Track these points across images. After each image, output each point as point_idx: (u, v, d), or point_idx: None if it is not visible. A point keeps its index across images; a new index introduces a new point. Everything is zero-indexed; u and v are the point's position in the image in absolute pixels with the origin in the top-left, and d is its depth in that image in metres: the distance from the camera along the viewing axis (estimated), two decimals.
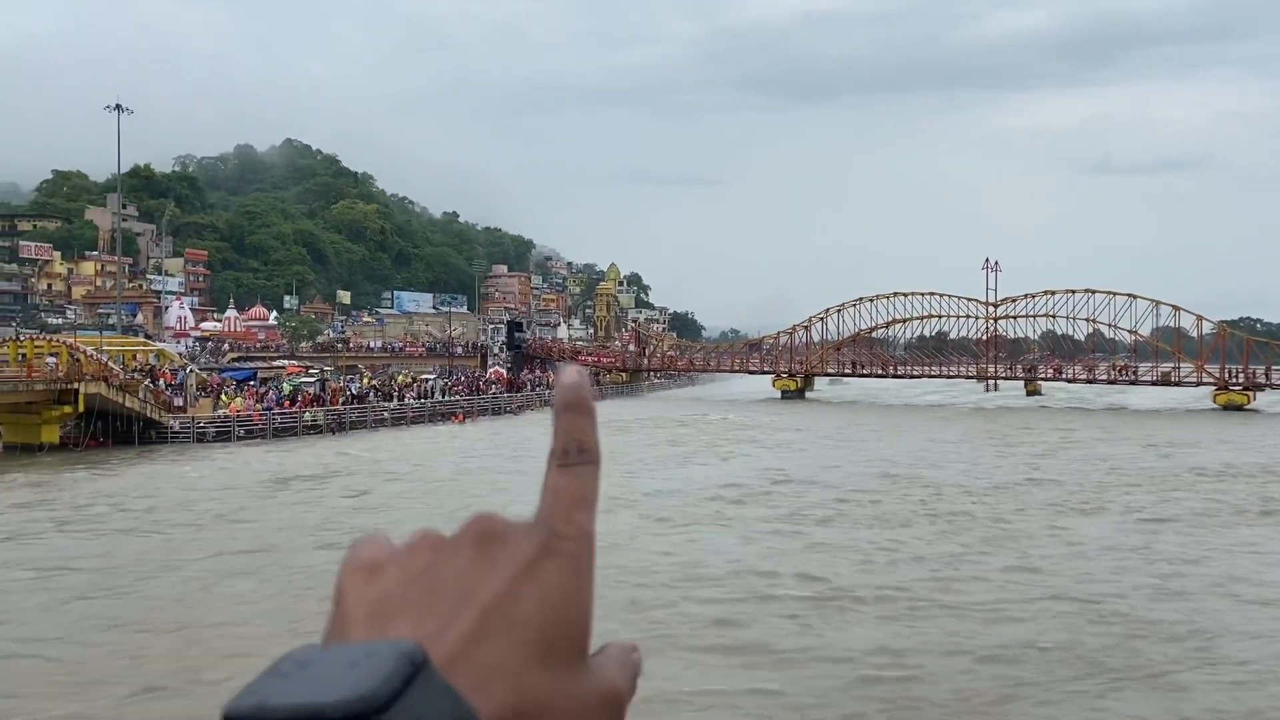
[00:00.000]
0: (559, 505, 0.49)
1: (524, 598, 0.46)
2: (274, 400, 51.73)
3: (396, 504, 27.86)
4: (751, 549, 21.25)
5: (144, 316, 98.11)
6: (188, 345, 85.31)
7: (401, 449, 42.44)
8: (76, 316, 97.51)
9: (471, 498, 29.14)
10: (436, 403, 60.14)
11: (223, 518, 25.62)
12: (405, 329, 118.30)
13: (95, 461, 37.84)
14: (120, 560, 20.61)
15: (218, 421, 46.99)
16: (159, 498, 28.96)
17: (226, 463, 37.60)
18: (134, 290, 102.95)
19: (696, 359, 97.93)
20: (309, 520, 25.21)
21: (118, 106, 70.50)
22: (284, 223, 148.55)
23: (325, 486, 31.27)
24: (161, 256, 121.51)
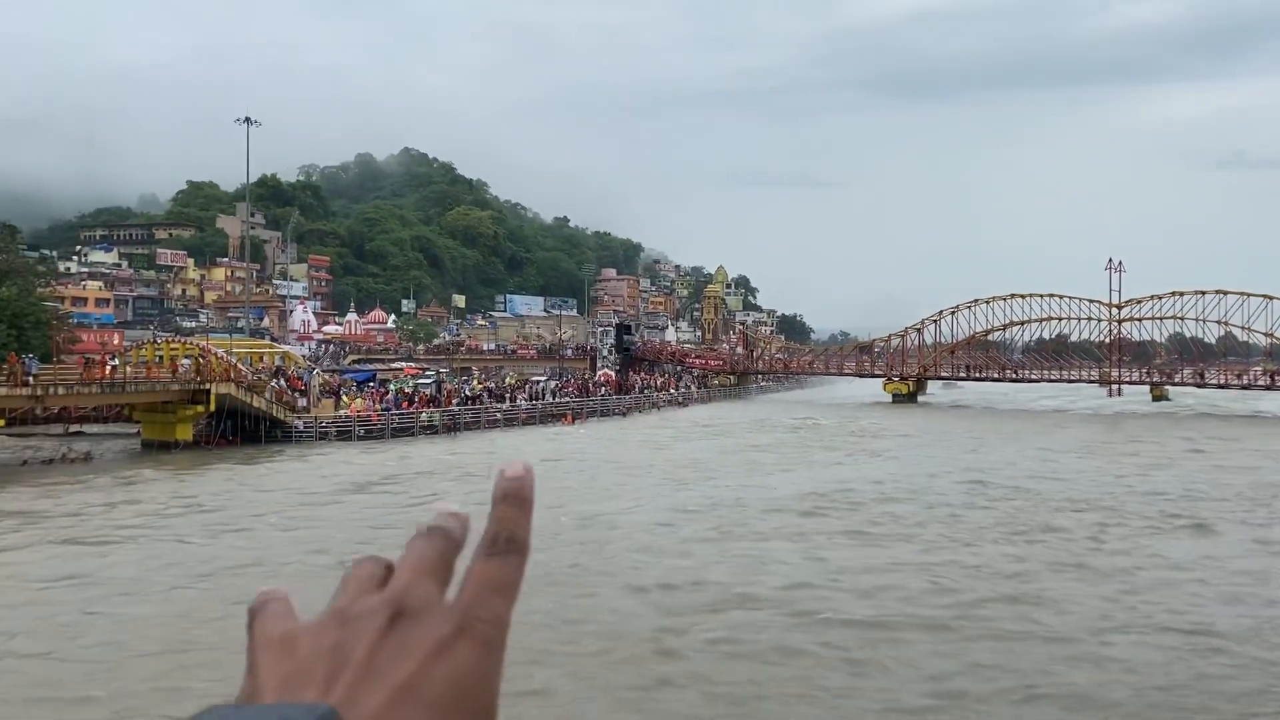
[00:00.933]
0: (479, 590, 0.50)
1: (435, 678, 0.47)
2: (392, 401, 53.40)
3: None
4: (815, 565, 19.99)
5: (270, 320, 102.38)
6: (311, 348, 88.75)
7: (510, 450, 43.31)
8: (208, 320, 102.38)
9: (570, 495, 29.61)
10: (547, 404, 61.12)
11: (338, 514, 26.66)
12: (517, 332, 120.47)
13: (223, 459, 39.75)
14: (214, 555, 21.65)
15: (339, 421, 48.74)
16: (278, 494, 30.26)
17: (345, 461, 39.02)
18: (261, 295, 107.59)
19: (805, 362, 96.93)
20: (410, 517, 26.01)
21: (247, 119, 73.77)
22: (402, 229, 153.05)
23: (426, 485, 32.23)
24: (287, 262, 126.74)
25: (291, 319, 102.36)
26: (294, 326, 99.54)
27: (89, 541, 23.00)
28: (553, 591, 17.65)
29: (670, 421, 60.33)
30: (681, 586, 18.15)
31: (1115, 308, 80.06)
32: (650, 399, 73.48)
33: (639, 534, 23.38)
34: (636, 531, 23.66)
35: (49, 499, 29.42)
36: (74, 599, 17.61)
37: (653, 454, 41.31)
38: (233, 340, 62.60)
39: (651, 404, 72.41)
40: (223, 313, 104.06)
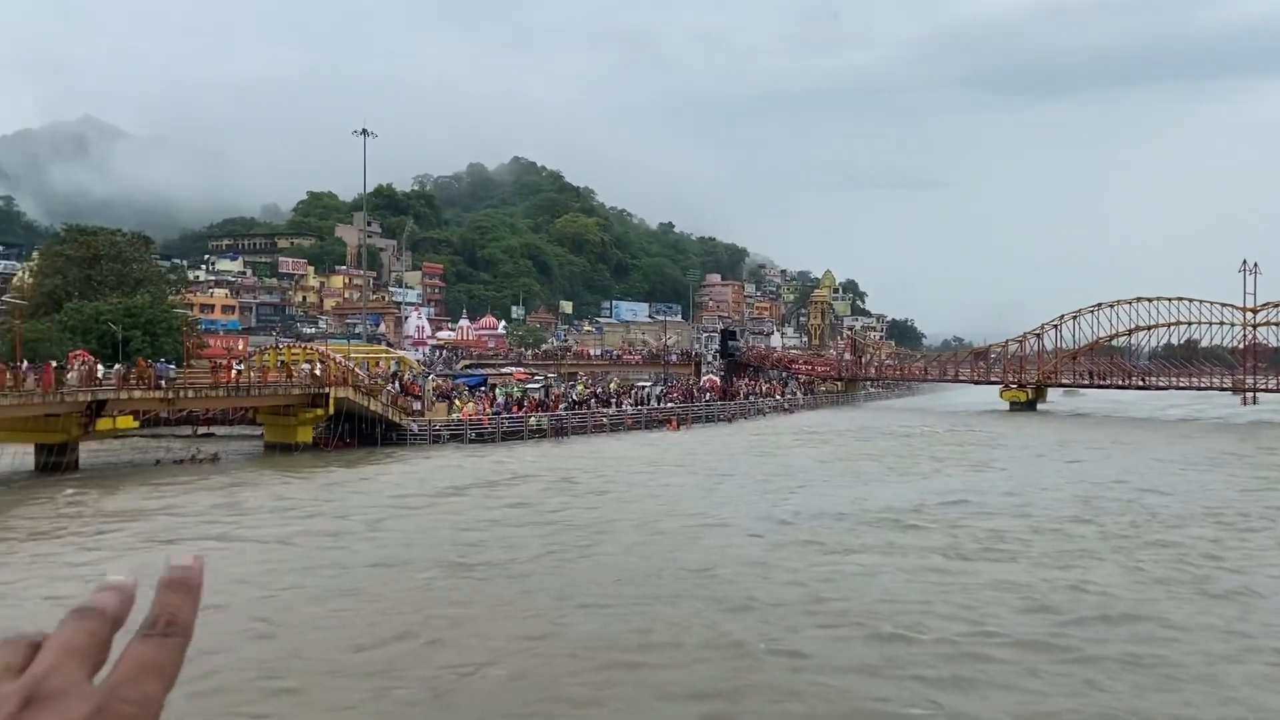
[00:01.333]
0: (130, 671, 0.49)
1: None
2: (502, 405, 54.26)
3: (605, 502, 28.57)
4: (904, 583, 19.00)
5: (386, 326, 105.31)
6: (425, 353, 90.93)
7: (614, 455, 43.46)
8: (327, 326, 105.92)
9: (664, 503, 29.45)
10: (652, 409, 61.19)
11: (424, 519, 27.11)
12: (623, 337, 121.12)
13: (339, 461, 40.95)
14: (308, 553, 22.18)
15: (451, 425, 49.73)
16: (378, 497, 30.97)
17: (450, 464, 39.74)
18: (377, 301, 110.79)
19: (916, 368, 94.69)
20: (517, 516, 26.28)
21: (364, 131, 76.05)
22: (512, 237, 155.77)
23: (529, 486, 32.53)
24: (402, 270, 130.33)
25: (406, 325, 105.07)
26: (409, 332, 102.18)
27: (176, 539, 23.89)
28: (629, 595, 17.58)
29: (775, 428, 59.69)
30: (759, 600, 17.49)
31: (1250, 311, 75.81)
32: (755, 405, 72.86)
33: (727, 543, 22.91)
34: (725, 541, 23.19)
35: (159, 498, 30.75)
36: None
37: (754, 461, 40.86)
38: (350, 345, 64.52)
39: (757, 410, 71.79)
40: (341, 319, 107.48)
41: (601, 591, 18.20)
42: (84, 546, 22.86)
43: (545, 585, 18.84)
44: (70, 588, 18.91)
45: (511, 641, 15.26)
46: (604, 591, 18.20)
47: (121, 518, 26.81)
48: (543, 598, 17.92)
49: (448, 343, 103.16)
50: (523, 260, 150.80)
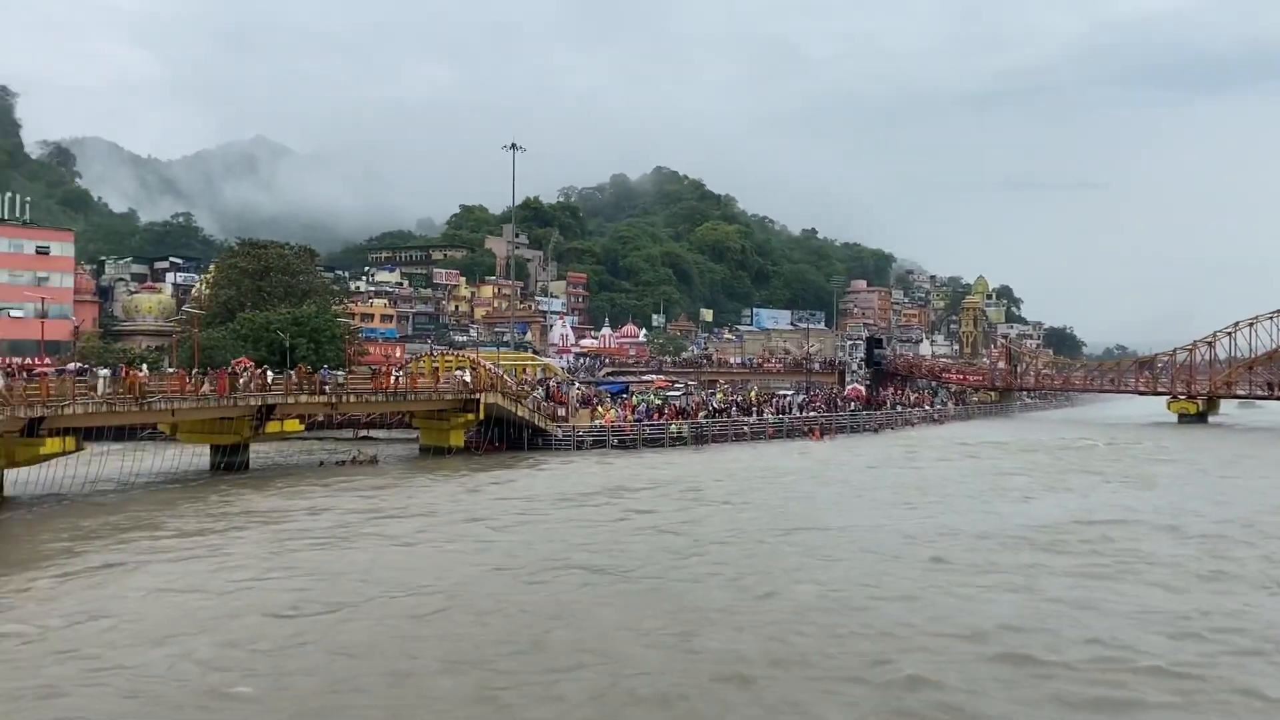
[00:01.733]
0: None
1: None
2: (643, 413, 54.78)
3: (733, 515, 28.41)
4: (1031, 610, 17.72)
5: (532, 334, 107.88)
6: (568, 360, 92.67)
7: (753, 463, 43.21)
8: (477, 334, 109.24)
9: (795, 514, 29.02)
10: (794, 419, 60.56)
11: (540, 528, 27.52)
12: (764, 345, 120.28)
13: (487, 465, 42.16)
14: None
15: (594, 431, 50.53)
16: (512, 501, 31.68)
17: (585, 470, 40.33)
18: (524, 310, 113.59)
19: (1075, 378, 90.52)
20: (640, 523, 26.43)
21: (513, 146, 78.33)
22: (653, 246, 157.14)
23: (667, 494, 32.65)
24: (547, 280, 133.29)
25: (551, 333, 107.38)
26: (553, 340, 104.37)
27: (304, 540, 24.99)
28: (745, 613, 17.20)
29: (924, 439, 58.15)
30: (872, 626, 16.66)
31: None
32: (903, 415, 71.16)
33: (851, 559, 22.23)
34: (850, 557, 22.51)
35: (304, 499, 32.31)
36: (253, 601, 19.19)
37: (896, 473, 39.87)
38: (499, 353, 66.36)
39: (904, 421, 70.09)
40: (490, 327, 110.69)
41: (688, 618, 17.16)
42: (213, 549, 24.09)
43: (649, 599, 18.47)
44: (184, 581, 20.15)
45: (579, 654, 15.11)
46: (690, 618, 17.18)
47: (263, 517, 28.26)
48: (649, 610, 17.60)
49: (590, 350, 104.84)
50: (663, 269, 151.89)
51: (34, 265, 76.82)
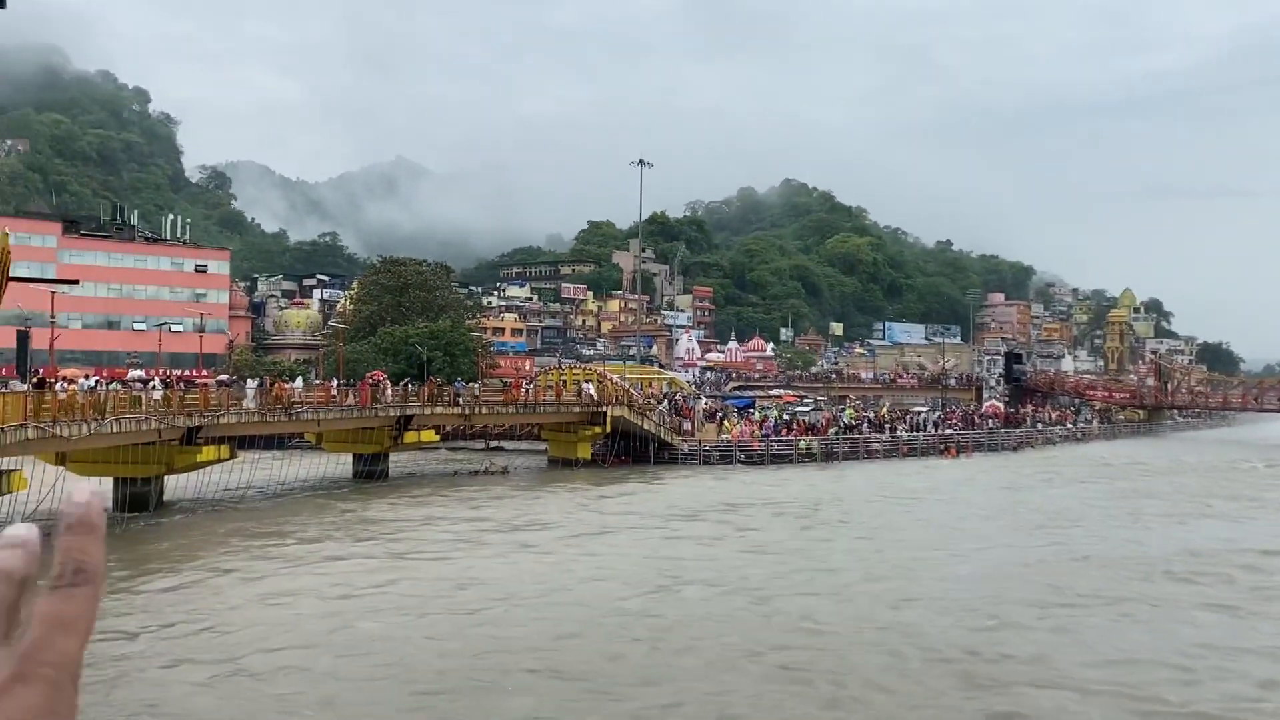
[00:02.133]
0: (45, 631, 0.47)
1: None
2: (771, 428, 54.32)
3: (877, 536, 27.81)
4: (1154, 640, 16.86)
5: (658, 348, 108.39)
6: (695, 374, 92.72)
7: (884, 481, 42.27)
8: (604, 348, 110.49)
9: (914, 536, 28.15)
10: (928, 436, 59.04)
11: (645, 542, 27.40)
12: (896, 360, 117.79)
13: (615, 477, 42.56)
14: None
15: (720, 445, 50.40)
16: (627, 516, 31.77)
17: (705, 486, 40.20)
18: (651, 325, 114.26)
19: (1233, 396, 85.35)
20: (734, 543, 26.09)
21: (640, 162, 79.08)
22: (781, 259, 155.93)
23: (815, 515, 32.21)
24: (674, 294, 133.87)
25: (677, 347, 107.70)
26: (679, 354, 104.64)
27: (412, 552, 25.52)
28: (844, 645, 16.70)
29: (1066, 458, 55.81)
30: (978, 657, 15.81)
31: None
32: (1043, 433, 68.49)
33: (961, 588, 21.19)
34: (959, 586, 21.49)
35: (425, 508, 33.15)
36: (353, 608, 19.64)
37: (1030, 494, 38.36)
38: (625, 367, 66.96)
39: (1045, 439, 67.44)
40: (616, 341, 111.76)
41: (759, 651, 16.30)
42: (354, 553, 24.96)
43: (719, 629, 17.68)
44: (332, 581, 20.89)
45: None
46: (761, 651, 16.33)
47: (401, 525, 29.20)
48: (714, 640, 16.92)
49: (717, 364, 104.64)
50: (792, 282, 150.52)
51: (193, 283, 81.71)
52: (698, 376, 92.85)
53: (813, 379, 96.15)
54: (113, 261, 79.10)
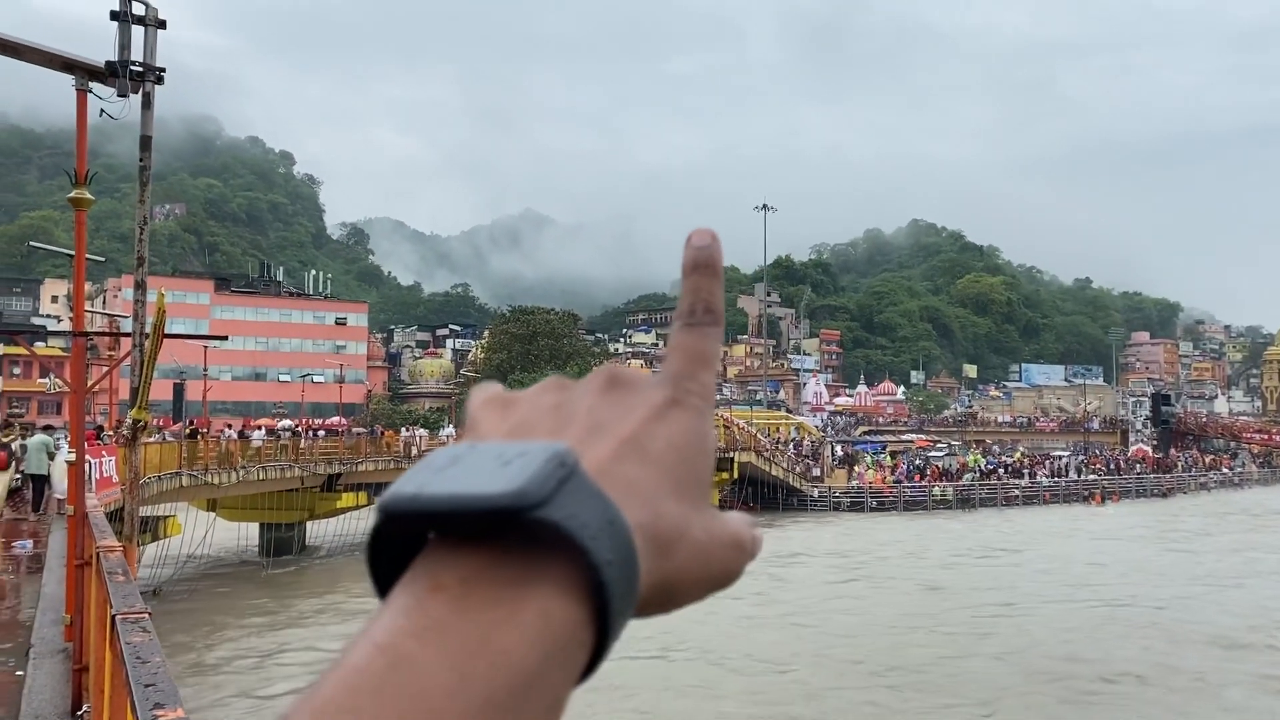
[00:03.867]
0: (684, 363, 0.50)
1: (655, 437, 0.47)
2: (903, 473, 52.83)
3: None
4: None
5: (785, 393, 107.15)
6: (823, 419, 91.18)
7: (1023, 529, 40.38)
8: (731, 393, 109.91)
9: (1054, 591, 26.54)
10: (1071, 481, 56.35)
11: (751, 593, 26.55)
12: (1034, 403, 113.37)
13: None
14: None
15: (851, 492, 49.21)
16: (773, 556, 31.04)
17: (849, 531, 39.12)
18: (777, 369, 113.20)
19: None
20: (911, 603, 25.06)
21: (763, 206, 79.03)
22: (910, 300, 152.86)
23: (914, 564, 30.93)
24: (800, 338, 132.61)
25: (805, 391, 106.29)
26: (807, 398, 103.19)
27: None
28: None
29: (1221, 505, 52.31)
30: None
31: None
32: (1196, 479, 64.49)
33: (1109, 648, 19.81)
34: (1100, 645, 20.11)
35: None
36: None
37: (1188, 543, 35.95)
38: (752, 411, 66.35)
39: (1199, 484, 63.48)
40: (743, 386, 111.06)
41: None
42: None
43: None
44: None
45: None
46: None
47: None
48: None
49: (846, 409, 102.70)
50: (922, 324, 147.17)
51: (334, 335, 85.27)
52: (826, 421, 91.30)
53: (946, 423, 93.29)
54: (260, 316, 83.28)
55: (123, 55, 8.16)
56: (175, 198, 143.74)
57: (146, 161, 8.61)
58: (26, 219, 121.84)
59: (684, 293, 0.52)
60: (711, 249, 0.53)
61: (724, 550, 0.47)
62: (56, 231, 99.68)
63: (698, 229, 0.53)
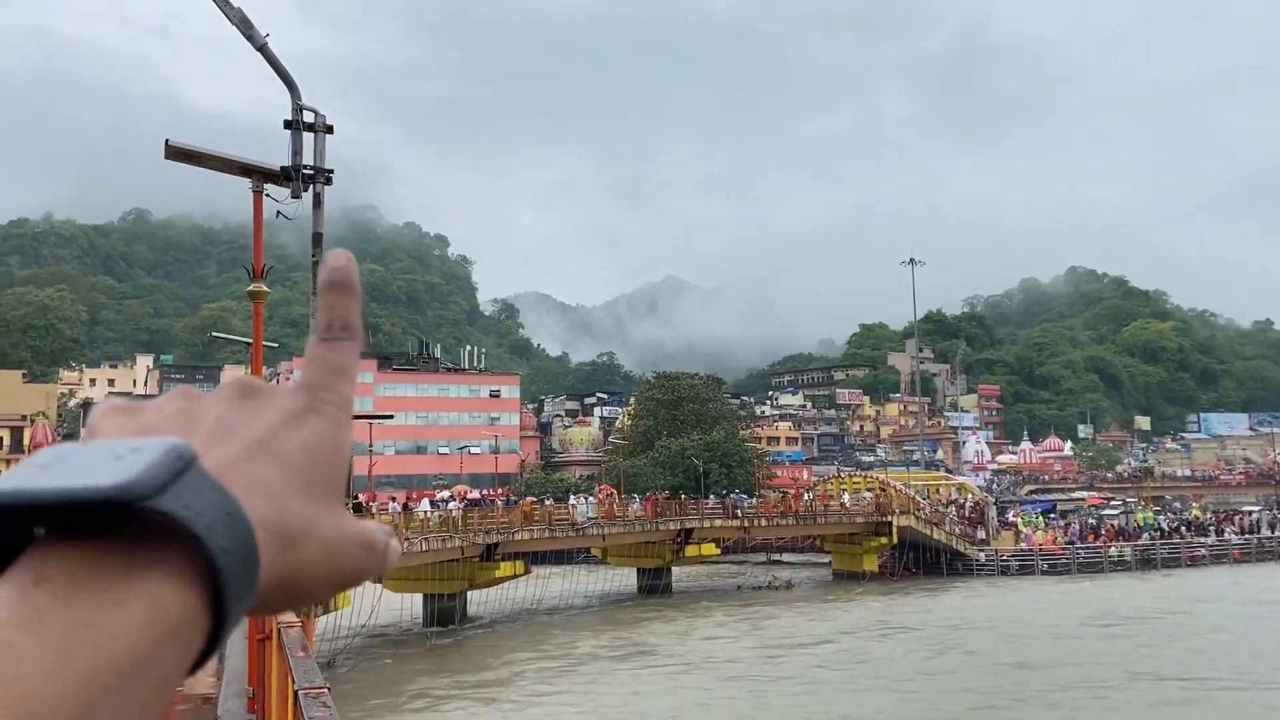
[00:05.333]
0: (321, 374, 0.52)
1: (286, 440, 0.49)
2: (1076, 534, 50.13)
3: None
4: None
5: (943, 452, 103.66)
6: (985, 478, 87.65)
7: (1209, 591, 37.41)
8: (885, 454, 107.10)
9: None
10: (1263, 539, 52.09)
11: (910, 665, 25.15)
12: (1216, 455, 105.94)
13: (903, 591, 40.42)
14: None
15: (1020, 554, 46.94)
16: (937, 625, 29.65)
17: (1020, 596, 37.13)
18: (933, 427, 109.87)
19: None
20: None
21: (911, 260, 77.58)
22: (1073, 351, 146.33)
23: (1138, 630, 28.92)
24: (956, 394, 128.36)
25: (964, 449, 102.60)
26: (967, 457, 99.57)
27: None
28: None
29: None
30: None
31: None
32: None
33: None
34: None
35: (714, 625, 32.51)
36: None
37: None
38: (909, 472, 64.43)
39: None
40: (898, 446, 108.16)
41: None
42: (648, 667, 24.87)
43: None
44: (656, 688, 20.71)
45: None
46: None
47: (693, 642, 28.92)
48: None
49: (1009, 466, 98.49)
50: (1087, 375, 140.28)
51: (488, 407, 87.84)
52: (989, 480, 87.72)
53: (1120, 479, 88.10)
54: (420, 392, 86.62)
55: (295, 160, 8.79)
56: None
57: (318, 256, 9.18)
58: (208, 310, 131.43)
59: (321, 309, 0.55)
60: (347, 269, 0.55)
61: (354, 549, 0.49)
62: (234, 320, 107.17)
63: (333, 250, 0.56)
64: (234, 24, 8.93)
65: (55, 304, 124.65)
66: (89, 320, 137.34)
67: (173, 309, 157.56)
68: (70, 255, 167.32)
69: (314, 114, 8.89)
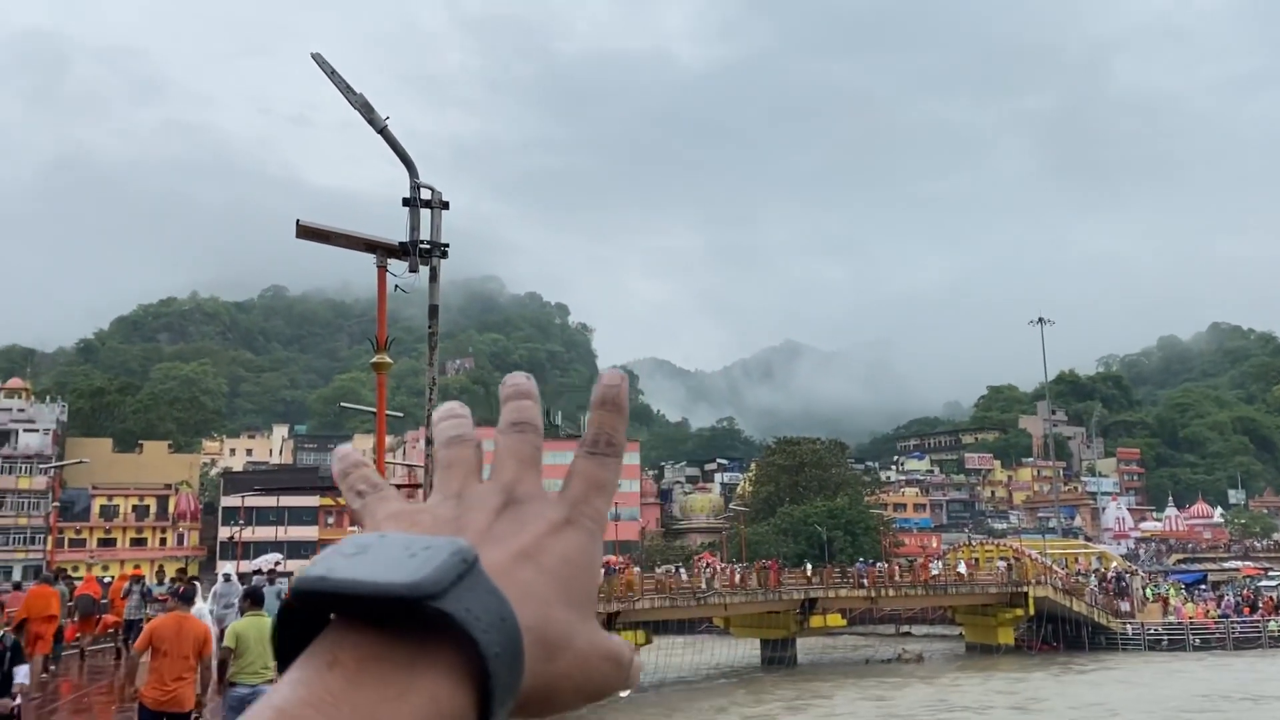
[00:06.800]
0: (583, 488, 0.56)
1: (550, 550, 0.53)
2: (1230, 606, 46.81)
3: None
4: None
5: (1081, 518, 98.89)
6: (1128, 546, 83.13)
7: None
8: (1018, 520, 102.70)
9: None
10: None
11: None
12: None
13: (1045, 665, 38.25)
14: None
15: (1170, 628, 44.08)
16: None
17: (1173, 675, 34.62)
18: (1069, 493, 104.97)
19: None
20: None
21: (1040, 320, 74.99)
22: (1220, 412, 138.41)
23: None
24: (1093, 458, 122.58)
25: (1104, 516, 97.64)
26: (1107, 524, 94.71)
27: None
28: None
29: None
30: None
31: None
32: None
33: None
34: None
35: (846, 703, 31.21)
36: None
37: None
38: (1045, 541, 61.51)
39: None
40: (1032, 513, 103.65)
41: None
42: None
43: None
44: None
45: None
46: None
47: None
48: None
49: (1153, 534, 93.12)
50: (1235, 437, 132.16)
51: None
52: (1132, 549, 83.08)
53: (1277, 547, 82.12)
54: (545, 461, 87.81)
55: (413, 235, 9.06)
56: (464, 353, 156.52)
57: (434, 328, 9.38)
58: (339, 381, 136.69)
59: (590, 424, 0.59)
60: (619, 389, 0.59)
61: (604, 664, 0.51)
62: (363, 391, 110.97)
63: (609, 369, 0.59)
64: (356, 109, 9.31)
65: (199, 377, 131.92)
66: (229, 392, 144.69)
67: (306, 380, 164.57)
68: (214, 331, 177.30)
69: (430, 191, 9.17)
